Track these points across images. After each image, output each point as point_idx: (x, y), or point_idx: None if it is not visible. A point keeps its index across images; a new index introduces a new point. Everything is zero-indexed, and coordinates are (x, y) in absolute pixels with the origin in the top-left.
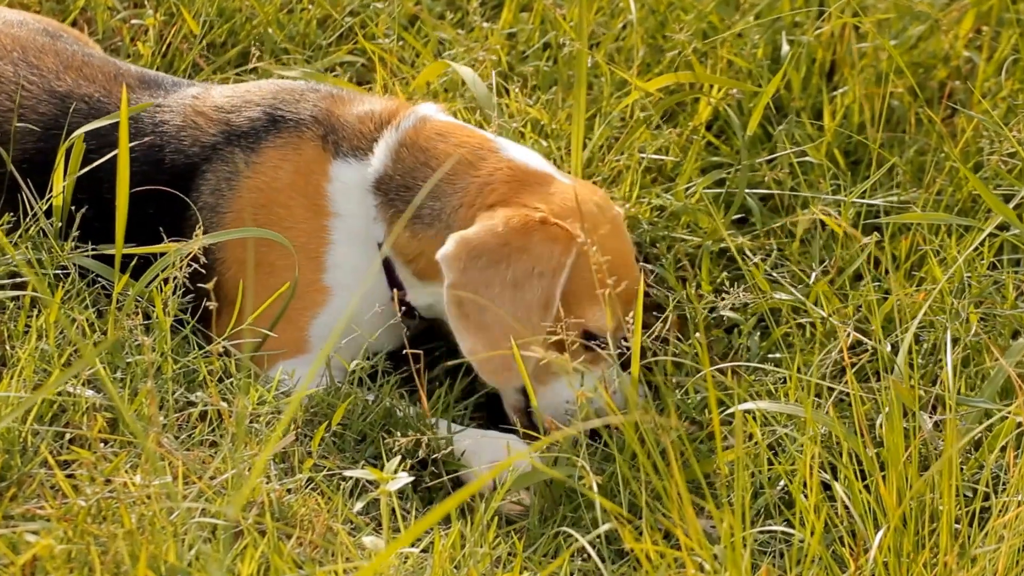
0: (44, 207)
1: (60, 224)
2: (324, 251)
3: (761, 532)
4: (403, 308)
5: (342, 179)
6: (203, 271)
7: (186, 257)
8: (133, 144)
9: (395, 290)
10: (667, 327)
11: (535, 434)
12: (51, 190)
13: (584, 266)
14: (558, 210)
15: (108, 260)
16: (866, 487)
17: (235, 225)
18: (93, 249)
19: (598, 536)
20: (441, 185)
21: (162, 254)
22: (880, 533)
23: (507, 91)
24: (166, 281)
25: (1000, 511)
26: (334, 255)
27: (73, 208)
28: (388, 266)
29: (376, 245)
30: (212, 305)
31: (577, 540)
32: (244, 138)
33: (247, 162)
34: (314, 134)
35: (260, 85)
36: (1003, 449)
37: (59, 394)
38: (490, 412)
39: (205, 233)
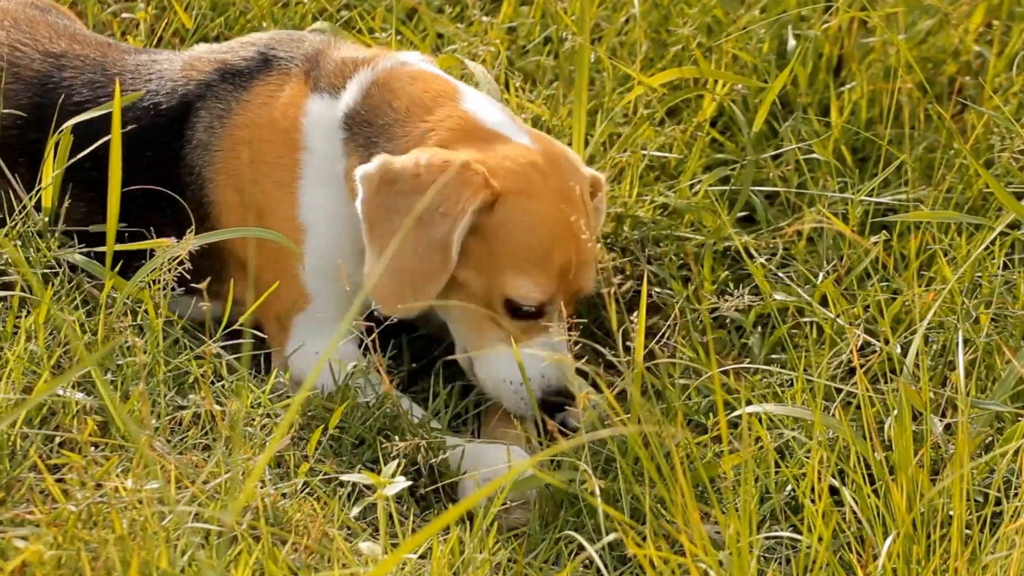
0: (32, 200)
1: (47, 217)
2: (296, 187)
3: (767, 538)
4: None
5: (314, 114)
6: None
7: (175, 260)
8: (132, 92)
9: None
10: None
11: (535, 438)
12: (40, 181)
13: (506, 228)
14: (490, 163)
15: (98, 240)
16: (875, 492)
17: (226, 162)
18: (83, 245)
19: (602, 545)
20: (395, 127)
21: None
22: (889, 539)
23: (508, 86)
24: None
25: (1012, 516)
26: (304, 192)
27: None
28: None
29: (341, 181)
30: (205, 306)
31: (579, 546)
32: (238, 76)
33: (238, 99)
34: (299, 70)
35: (260, 33)
36: (1015, 453)
37: (49, 396)
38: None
39: (196, 168)
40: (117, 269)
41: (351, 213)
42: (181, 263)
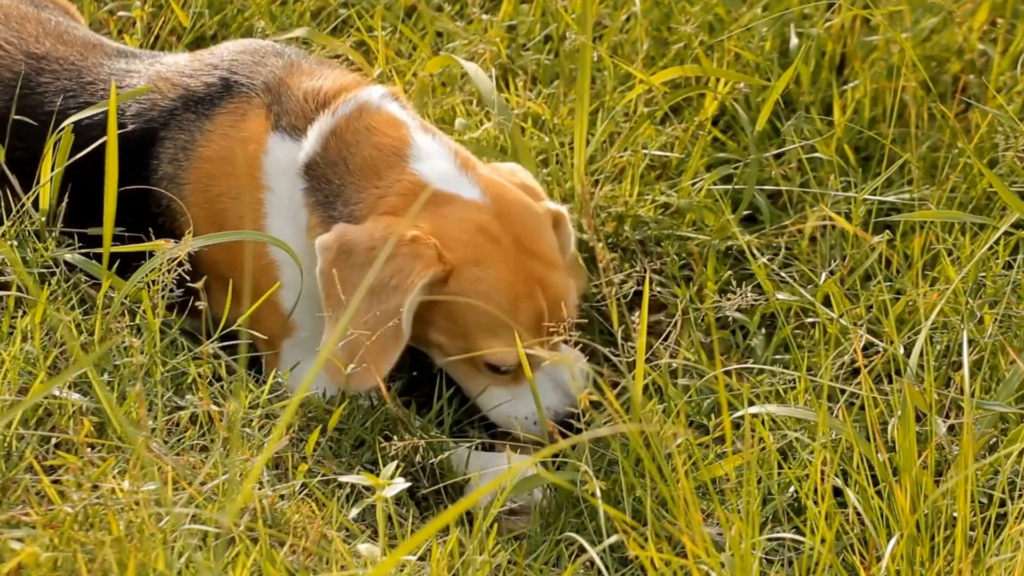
0: (30, 199)
1: (47, 215)
2: (263, 224)
3: (770, 539)
4: None
5: (275, 154)
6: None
7: (174, 262)
8: (99, 111)
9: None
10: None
11: (537, 438)
12: (38, 180)
13: (464, 300)
14: (442, 234)
15: (92, 242)
16: (878, 493)
17: (194, 197)
18: (80, 245)
19: (604, 547)
20: (349, 190)
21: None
22: (893, 541)
23: (507, 85)
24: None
25: (1017, 518)
26: (271, 230)
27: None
28: None
29: (304, 229)
30: (202, 305)
31: (580, 547)
32: (200, 104)
33: (201, 130)
34: (261, 102)
35: (224, 49)
36: (1020, 454)
37: (45, 397)
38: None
39: (164, 202)
40: (113, 270)
41: (313, 258)
42: (180, 264)
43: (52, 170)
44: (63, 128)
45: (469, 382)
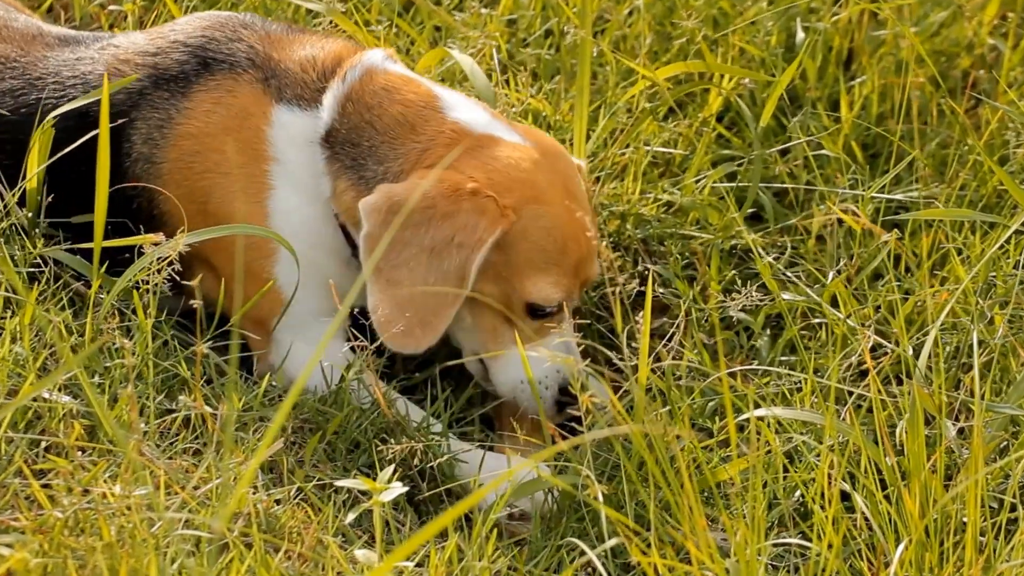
0: (16, 196)
1: (32, 213)
2: (267, 196)
3: (776, 545)
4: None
5: (286, 127)
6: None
7: (164, 260)
8: (56, 98)
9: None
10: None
11: (536, 441)
12: (23, 176)
13: (523, 236)
14: (497, 179)
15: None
16: (886, 498)
17: (172, 176)
18: (64, 237)
19: (604, 549)
20: (383, 148)
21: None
22: (901, 546)
23: (507, 80)
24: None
25: None
26: (276, 200)
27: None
28: (342, 223)
29: (324, 199)
30: (197, 304)
31: (582, 552)
32: (173, 82)
33: (178, 108)
34: (252, 77)
35: (186, 24)
36: None
37: (34, 400)
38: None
39: (141, 183)
40: (105, 267)
41: (331, 231)
42: (170, 263)
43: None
44: (46, 122)
45: (489, 336)
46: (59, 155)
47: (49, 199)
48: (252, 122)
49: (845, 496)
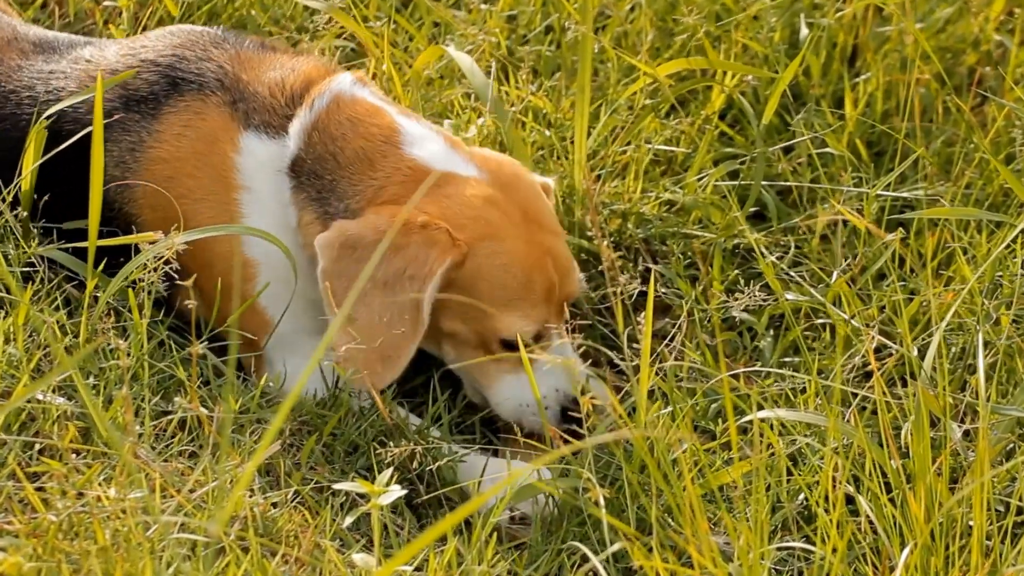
0: (10, 198)
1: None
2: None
3: (779, 549)
4: None
5: (254, 154)
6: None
7: (160, 260)
8: (28, 115)
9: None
10: None
11: (539, 445)
12: (19, 174)
13: (480, 276)
14: (450, 215)
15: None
16: (891, 501)
17: (147, 200)
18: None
19: (606, 554)
20: (343, 183)
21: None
22: (906, 550)
23: (507, 77)
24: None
25: None
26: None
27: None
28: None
29: (293, 228)
30: (191, 303)
31: (583, 557)
32: (143, 103)
33: (149, 131)
34: (220, 100)
35: (156, 40)
36: None
37: (28, 401)
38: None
39: (116, 205)
40: (100, 269)
41: (303, 259)
42: (167, 262)
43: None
44: (39, 126)
45: (481, 376)
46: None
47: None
48: (220, 148)
49: (849, 499)
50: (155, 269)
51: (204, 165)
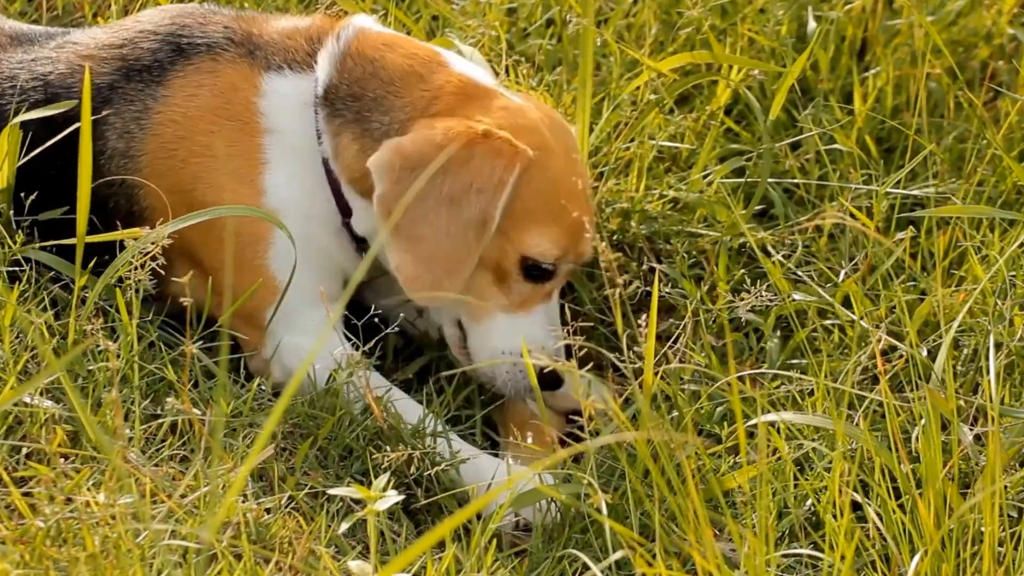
0: None
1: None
2: (260, 173)
3: (785, 556)
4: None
5: (278, 92)
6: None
7: (147, 255)
8: (15, 103)
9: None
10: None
11: (536, 449)
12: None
13: (525, 185)
14: (505, 125)
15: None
16: (901, 507)
17: (153, 167)
18: (50, 243)
19: (608, 562)
20: (389, 98)
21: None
22: (916, 558)
23: (507, 71)
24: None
25: None
26: (273, 176)
27: None
28: (335, 188)
29: (321, 162)
30: (187, 301)
31: (584, 565)
32: (147, 72)
33: (155, 96)
34: (234, 55)
35: (150, 15)
36: None
37: (15, 405)
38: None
39: (119, 176)
40: (89, 269)
41: (323, 200)
42: (154, 259)
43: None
44: (14, 123)
45: (479, 297)
46: (24, 159)
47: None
48: (240, 96)
49: (857, 505)
50: (142, 266)
51: (221, 118)
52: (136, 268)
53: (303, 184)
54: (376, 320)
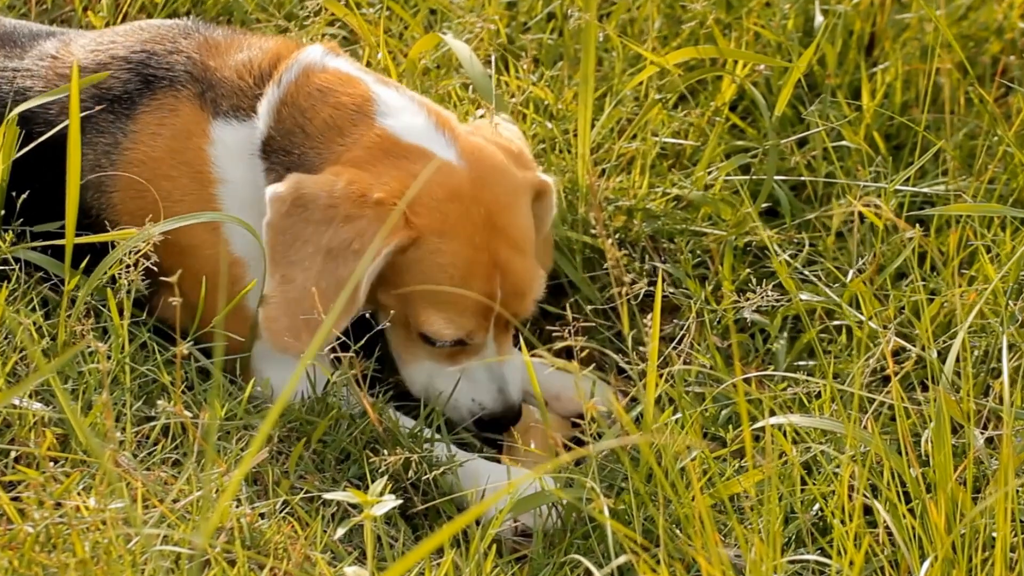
0: None
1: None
2: (221, 222)
3: (793, 562)
4: None
5: (225, 142)
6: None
7: (139, 254)
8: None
9: None
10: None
11: (542, 453)
12: None
13: (417, 267)
14: (412, 196)
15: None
16: (911, 511)
17: (126, 205)
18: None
19: (611, 567)
20: (310, 155)
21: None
22: (927, 563)
23: (507, 67)
24: (117, 277)
25: None
26: (229, 226)
27: None
28: None
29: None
30: (175, 301)
31: (587, 570)
32: (118, 103)
33: (124, 131)
34: (190, 92)
35: (126, 35)
36: None
37: (4, 407)
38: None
39: (94, 211)
40: (81, 269)
41: None
42: (146, 256)
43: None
44: (9, 119)
45: (403, 349)
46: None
47: None
48: (193, 142)
49: (867, 510)
50: (135, 264)
51: (180, 163)
52: (128, 268)
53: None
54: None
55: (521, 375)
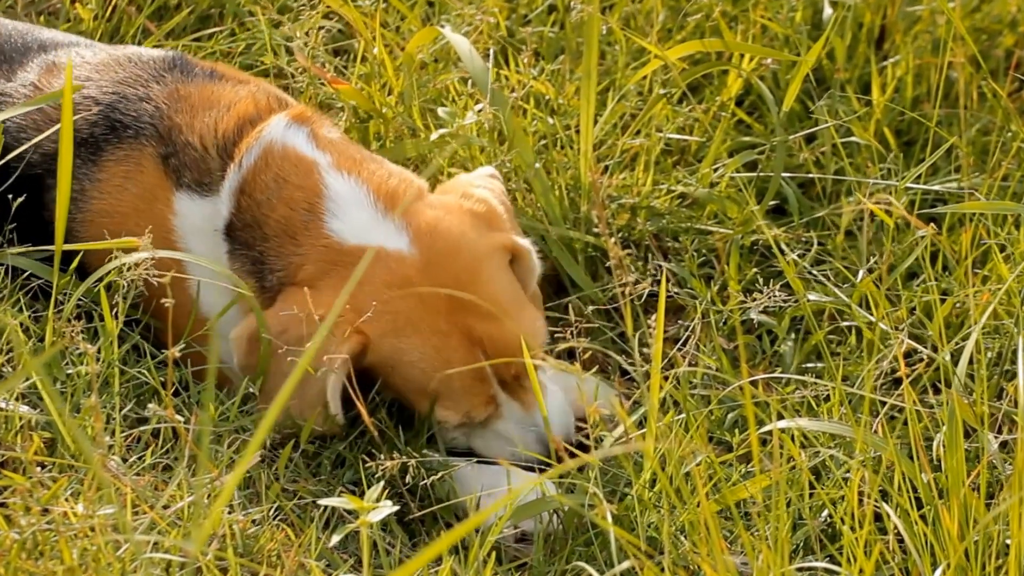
0: None
1: None
2: (188, 284)
3: (801, 570)
4: None
5: (188, 217)
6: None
7: (133, 264)
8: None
9: None
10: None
11: (543, 458)
12: None
13: (392, 371)
14: (358, 302)
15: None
16: (923, 517)
17: (92, 256)
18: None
19: (613, 574)
20: (271, 256)
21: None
22: (939, 571)
23: (507, 61)
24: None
25: None
26: (200, 292)
27: None
28: None
29: (235, 292)
30: (168, 302)
31: None
32: (84, 146)
33: (91, 179)
34: (154, 151)
35: (103, 71)
36: None
37: None
38: None
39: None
40: (71, 271)
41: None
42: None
43: None
44: None
45: (432, 423)
46: None
47: None
48: (158, 208)
49: (877, 516)
50: (134, 265)
51: (144, 222)
52: (127, 268)
53: (223, 302)
54: None
55: (559, 405)
